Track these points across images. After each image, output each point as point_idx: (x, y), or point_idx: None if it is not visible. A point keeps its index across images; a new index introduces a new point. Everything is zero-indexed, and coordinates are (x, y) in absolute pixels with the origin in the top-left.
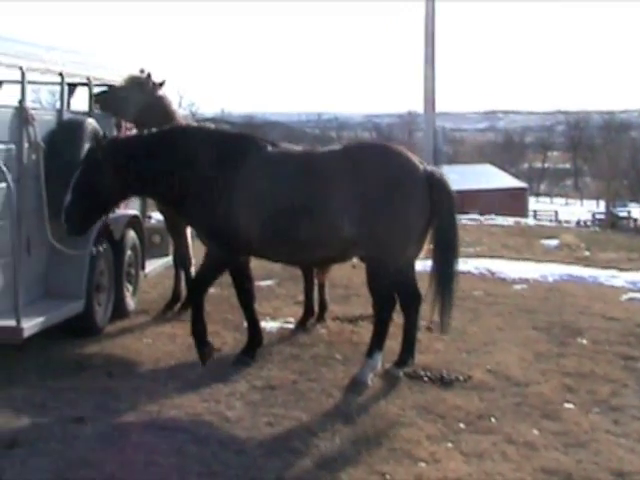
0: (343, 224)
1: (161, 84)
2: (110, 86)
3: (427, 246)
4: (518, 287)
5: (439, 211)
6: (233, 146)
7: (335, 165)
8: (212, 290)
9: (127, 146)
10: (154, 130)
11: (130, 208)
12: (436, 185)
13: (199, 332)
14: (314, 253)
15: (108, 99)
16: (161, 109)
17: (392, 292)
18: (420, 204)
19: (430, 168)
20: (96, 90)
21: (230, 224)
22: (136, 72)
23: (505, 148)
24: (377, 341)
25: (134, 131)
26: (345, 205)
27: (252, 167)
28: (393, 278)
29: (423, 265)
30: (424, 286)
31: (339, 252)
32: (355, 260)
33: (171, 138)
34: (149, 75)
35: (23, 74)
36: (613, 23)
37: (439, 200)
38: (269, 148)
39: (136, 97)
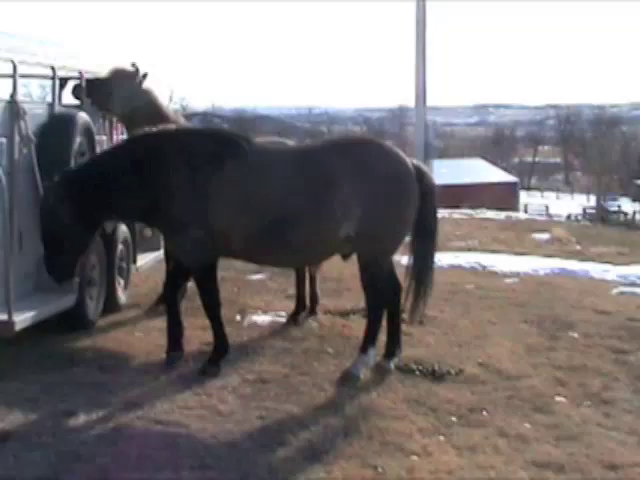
0: (342, 223)
1: (144, 76)
2: (92, 79)
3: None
4: (509, 281)
5: (423, 204)
6: (203, 147)
7: (331, 163)
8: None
9: (81, 179)
10: (109, 148)
11: None
12: (422, 179)
13: (223, 347)
14: (307, 255)
15: (95, 92)
16: (148, 103)
17: (384, 287)
18: (414, 199)
19: (415, 162)
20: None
21: (207, 231)
22: (126, 66)
23: (496, 142)
24: (371, 337)
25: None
26: (346, 203)
27: (231, 168)
28: (386, 273)
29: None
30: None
31: (332, 252)
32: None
33: (129, 153)
34: (136, 68)
35: (15, 67)
36: (605, 18)
37: (424, 194)
38: (245, 145)
39: (121, 91)
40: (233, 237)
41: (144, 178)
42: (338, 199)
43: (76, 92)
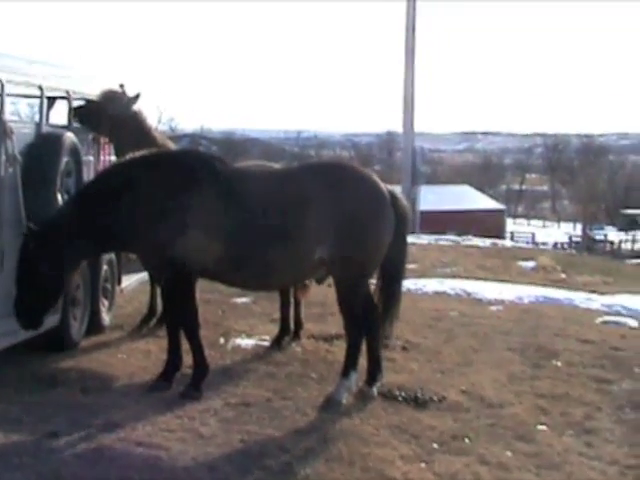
0: (315, 246)
1: (136, 97)
2: (86, 100)
3: None
4: (494, 308)
5: (396, 229)
6: (176, 169)
7: (304, 185)
8: None
9: (61, 224)
10: (82, 187)
11: None
12: (396, 204)
13: (203, 369)
14: (280, 276)
15: (84, 113)
16: (135, 125)
17: (363, 311)
18: (389, 222)
19: (390, 187)
20: (75, 104)
21: (183, 252)
22: (115, 86)
23: (483, 169)
24: (352, 361)
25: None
26: (318, 226)
27: (204, 189)
28: (362, 296)
29: None
30: None
31: (305, 275)
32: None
33: (104, 188)
34: (124, 90)
35: (2, 86)
36: (592, 47)
37: (398, 218)
38: (218, 166)
39: (109, 112)
40: (207, 257)
41: (122, 209)
42: (310, 222)
43: (77, 116)
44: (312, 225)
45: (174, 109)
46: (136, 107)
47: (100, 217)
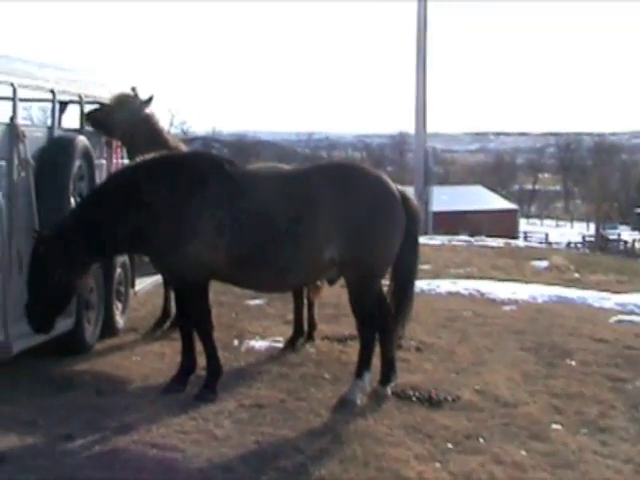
0: (325, 246)
1: (149, 99)
2: (98, 104)
3: None
4: (507, 308)
5: (407, 229)
6: (186, 170)
7: (314, 186)
8: None
9: (73, 228)
10: (93, 190)
11: None
12: (406, 204)
13: (216, 370)
14: (290, 277)
15: (96, 117)
16: (147, 128)
17: (375, 311)
18: (400, 222)
19: (400, 187)
20: (87, 107)
21: (195, 253)
22: (127, 90)
23: (496, 169)
24: (365, 362)
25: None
26: (328, 226)
27: (214, 190)
28: (374, 297)
29: None
30: None
31: (316, 275)
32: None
33: (114, 191)
34: (136, 93)
35: (15, 91)
36: (604, 47)
37: (408, 219)
38: (228, 167)
39: (122, 115)
40: (218, 259)
41: (132, 212)
42: (320, 222)
43: (90, 119)
44: (322, 225)
45: (186, 112)
46: (148, 110)
47: (110, 220)
